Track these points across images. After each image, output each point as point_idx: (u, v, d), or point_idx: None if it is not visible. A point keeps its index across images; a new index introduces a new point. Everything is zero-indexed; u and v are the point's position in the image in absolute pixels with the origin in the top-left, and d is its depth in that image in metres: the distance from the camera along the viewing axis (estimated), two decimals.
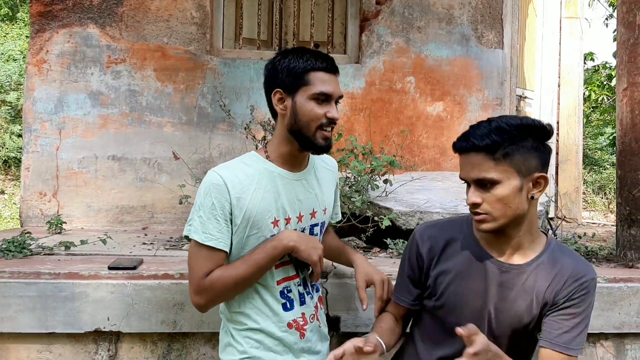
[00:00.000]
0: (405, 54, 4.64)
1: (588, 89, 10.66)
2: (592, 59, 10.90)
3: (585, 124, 11.38)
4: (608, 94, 10.65)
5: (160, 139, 4.34)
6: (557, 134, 6.20)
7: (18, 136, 11.60)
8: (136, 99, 4.34)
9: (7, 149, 11.87)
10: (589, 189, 11.57)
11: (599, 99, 10.93)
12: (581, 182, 6.51)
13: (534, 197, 1.51)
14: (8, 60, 12.66)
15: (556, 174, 6.12)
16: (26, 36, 12.54)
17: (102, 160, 4.29)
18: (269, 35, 4.81)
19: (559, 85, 6.25)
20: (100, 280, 2.44)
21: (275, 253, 1.70)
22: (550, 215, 5.09)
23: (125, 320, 2.43)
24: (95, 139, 4.28)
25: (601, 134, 14.41)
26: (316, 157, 1.91)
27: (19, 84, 11.96)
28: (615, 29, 3.36)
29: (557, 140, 6.18)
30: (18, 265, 2.56)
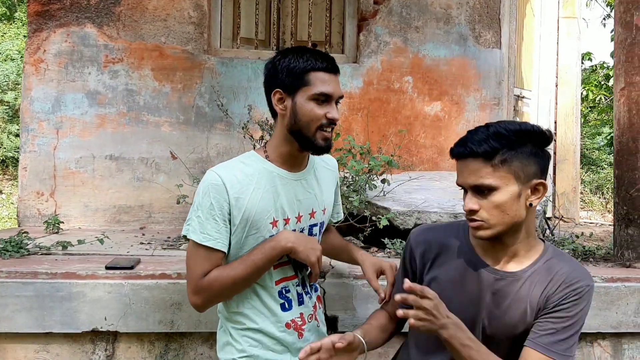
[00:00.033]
0: (403, 53, 4.64)
1: (586, 88, 10.68)
2: (590, 59, 10.91)
3: (582, 124, 11.38)
4: (605, 93, 10.67)
5: (157, 138, 4.34)
6: (555, 134, 6.20)
7: (16, 136, 11.60)
8: (134, 99, 4.33)
9: (5, 148, 11.87)
10: (586, 189, 11.59)
11: (597, 99, 10.95)
12: (579, 182, 6.52)
13: (532, 205, 1.48)
14: (6, 60, 12.66)
15: (554, 173, 6.13)
16: (24, 36, 12.52)
17: (100, 159, 4.29)
18: (266, 35, 4.80)
19: (556, 85, 6.25)
20: (97, 280, 2.44)
21: (273, 254, 1.70)
22: (548, 214, 5.10)
23: (123, 320, 2.43)
24: (92, 139, 4.28)
25: (599, 134, 14.45)
26: (316, 157, 1.90)
27: (17, 84, 11.96)
28: (613, 29, 3.36)
29: (555, 140, 6.18)
30: (15, 265, 2.56)
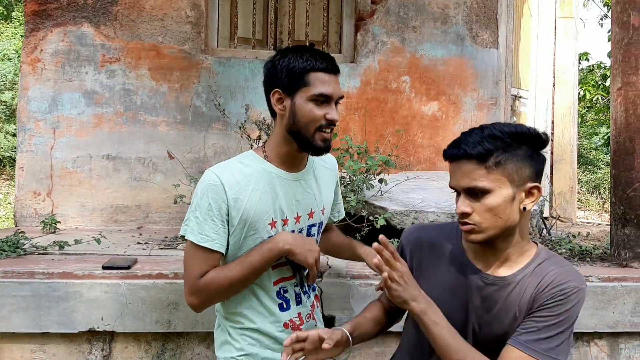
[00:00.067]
0: (400, 53, 4.64)
1: (583, 88, 10.70)
2: (587, 59, 10.93)
3: (580, 124, 11.42)
4: (603, 93, 10.69)
5: (154, 138, 4.33)
6: (552, 134, 6.21)
7: (13, 135, 11.57)
8: (131, 98, 4.33)
9: (2, 148, 11.84)
10: (583, 189, 11.60)
11: (594, 99, 10.96)
12: (576, 182, 6.53)
13: (526, 208, 1.45)
14: (3, 60, 12.63)
15: (551, 173, 6.14)
16: (21, 35, 12.49)
17: (97, 159, 4.28)
18: (264, 35, 4.80)
19: (553, 85, 6.26)
20: (94, 279, 2.44)
21: (270, 255, 1.69)
22: (545, 214, 5.10)
23: (119, 320, 2.42)
24: (89, 138, 4.27)
25: (596, 134, 14.49)
26: (315, 157, 1.89)
27: (14, 83, 11.93)
28: (610, 29, 3.36)
29: (552, 140, 6.19)
30: (12, 265, 2.55)
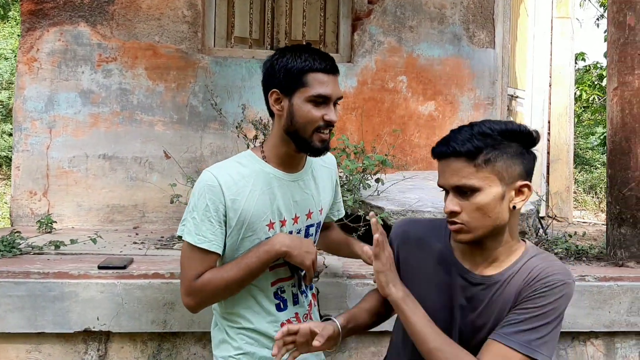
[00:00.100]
0: (397, 53, 4.64)
1: (579, 88, 10.72)
2: (584, 59, 10.96)
3: (576, 124, 11.43)
4: (599, 93, 10.71)
5: (151, 137, 4.33)
6: (549, 134, 6.23)
7: (9, 135, 11.54)
8: (127, 98, 4.32)
9: None
10: (580, 188, 11.62)
11: (590, 99, 10.99)
12: (572, 182, 6.54)
13: (515, 207, 1.41)
14: None
15: (547, 173, 6.15)
16: (18, 35, 12.45)
17: (93, 159, 4.27)
18: (260, 34, 4.80)
19: (550, 85, 6.27)
20: (89, 279, 2.43)
21: (267, 257, 1.68)
22: (541, 214, 5.11)
23: (115, 320, 2.42)
24: (85, 138, 4.26)
25: (592, 134, 14.50)
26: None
27: (11, 83, 11.90)
28: (606, 29, 3.37)
29: (549, 140, 6.21)
30: (7, 265, 2.55)
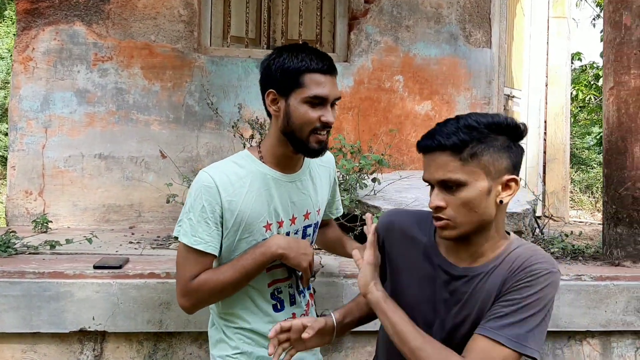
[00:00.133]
0: (393, 52, 4.64)
1: (575, 88, 10.73)
2: (580, 59, 10.97)
3: (572, 124, 11.45)
4: (595, 93, 10.73)
5: (147, 137, 4.31)
6: (545, 133, 6.24)
7: (5, 135, 11.51)
8: (123, 97, 4.31)
9: None
10: (576, 188, 11.64)
11: (587, 99, 11.00)
12: (568, 181, 6.55)
13: (502, 202, 1.38)
14: None
15: (544, 172, 6.16)
16: (14, 34, 12.42)
17: (89, 158, 4.26)
18: (257, 34, 4.79)
19: (546, 85, 6.28)
20: (85, 279, 2.42)
21: (263, 260, 1.67)
22: (538, 213, 5.12)
23: (111, 320, 2.41)
24: (81, 137, 4.25)
25: (588, 134, 14.55)
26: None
27: (6, 82, 11.88)
28: (603, 29, 3.37)
29: (545, 140, 6.22)
30: (2, 265, 2.53)
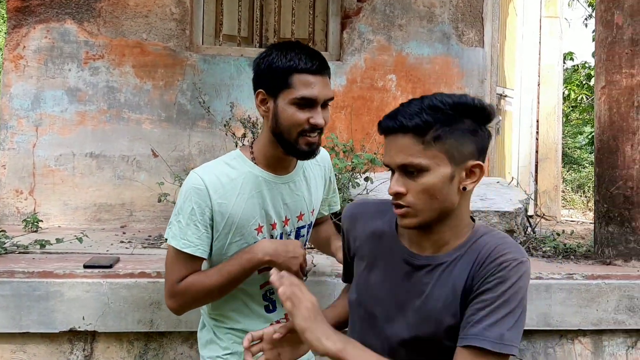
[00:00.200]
0: (386, 51, 4.64)
1: (567, 88, 10.78)
2: (572, 59, 11.02)
3: (564, 123, 11.49)
4: (587, 93, 10.77)
5: (138, 136, 4.29)
6: (537, 132, 6.26)
7: None
8: (114, 96, 4.28)
9: None
10: (568, 187, 11.67)
11: (578, 98, 11.04)
12: (560, 181, 6.58)
13: (466, 189, 1.28)
14: None
15: (536, 172, 6.18)
16: (4, 32, 12.35)
17: (80, 157, 4.23)
18: (249, 32, 4.77)
19: (538, 84, 6.30)
20: (75, 279, 2.40)
21: (250, 266, 1.63)
22: (530, 212, 5.13)
23: (101, 320, 2.39)
24: (72, 136, 4.22)
25: (580, 133, 14.60)
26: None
27: None
28: (594, 29, 3.38)
29: (537, 139, 6.25)
30: None
